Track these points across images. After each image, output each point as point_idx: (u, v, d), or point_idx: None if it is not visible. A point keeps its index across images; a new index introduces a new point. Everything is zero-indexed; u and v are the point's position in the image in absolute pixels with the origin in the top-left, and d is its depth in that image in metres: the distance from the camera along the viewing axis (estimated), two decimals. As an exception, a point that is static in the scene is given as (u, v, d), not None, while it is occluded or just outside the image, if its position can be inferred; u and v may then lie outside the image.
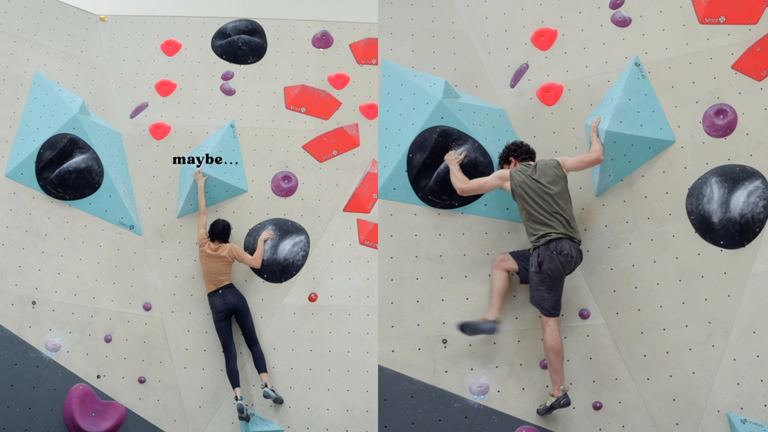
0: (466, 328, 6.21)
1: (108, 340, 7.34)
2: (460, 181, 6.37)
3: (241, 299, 7.45)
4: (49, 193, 7.47)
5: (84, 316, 7.30)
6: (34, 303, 7.10)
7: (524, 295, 6.41)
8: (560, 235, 5.93)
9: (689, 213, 6.26)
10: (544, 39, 7.05)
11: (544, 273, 5.96)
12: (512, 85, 7.06)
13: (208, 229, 7.58)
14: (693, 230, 6.23)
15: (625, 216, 6.45)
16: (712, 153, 6.32)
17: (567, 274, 6.06)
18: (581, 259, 6.14)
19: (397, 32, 7.16)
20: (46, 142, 7.48)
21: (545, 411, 6.06)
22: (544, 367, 6.27)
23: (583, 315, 6.40)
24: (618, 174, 6.48)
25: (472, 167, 6.49)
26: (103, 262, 7.57)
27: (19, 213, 7.31)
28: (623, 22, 6.82)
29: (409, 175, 6.70)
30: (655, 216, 6.37)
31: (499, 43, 7.17)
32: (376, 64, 7.98)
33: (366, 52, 8.51)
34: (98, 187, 7.66)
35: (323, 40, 8.55)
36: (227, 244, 7.53)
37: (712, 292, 6.09)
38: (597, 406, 6.20)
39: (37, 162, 7.44)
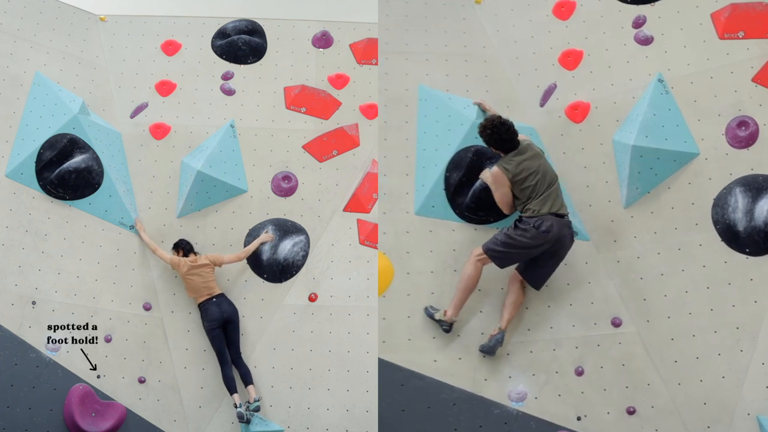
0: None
1: (108, 340, 7.34)
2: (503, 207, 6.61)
3: (235, 310, 7.44)
4: (49, 193, 7.46)
5: (84, 316, 7.29)
6: (34, 303, 7.09)
7: (559, 305, 6.66)
8: (548, 213, 6.21)
9: (715, 222, 6.44)
10: (570, 59, 7.30)
11: (516, 240, 6.24)
12: (541, 104, 7.31)
13: (174, 247, 7.57)
14: (719, 239, 6.40)
15: (653, 227, 6.65)
16: (735, 164, 6.50)
17: (545, 250, 6.25)
18: (570, 236, 6.32)
19: (432, 58, 7.46)
20: (46, 142, 7.47)
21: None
22: (578, 374, 6.47)
23: (615, 323, 6.57)
24: (645, 186, 6.70)
25: None
26: (103, 262, 7.55)
27: (19, 213, 7.30)
28: (646, 41, 7.06)
29: (446, 193, 6.91)
30: (682, 226, 6.56)
31: (528, 65, 7.45)
32: (376, 64, 7.99)
33: (366, 52, 8.51)
34: (98, 187, 7.65)
35: (323, 40, 8.55)
36: (201, 255, 7.57)
37: (739, 298, 6.25)
38: (631, 411, 6.35)
39: (37, 162, 7.43)
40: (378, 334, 6.62)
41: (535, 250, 6.25)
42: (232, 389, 7.24)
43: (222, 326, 7.36)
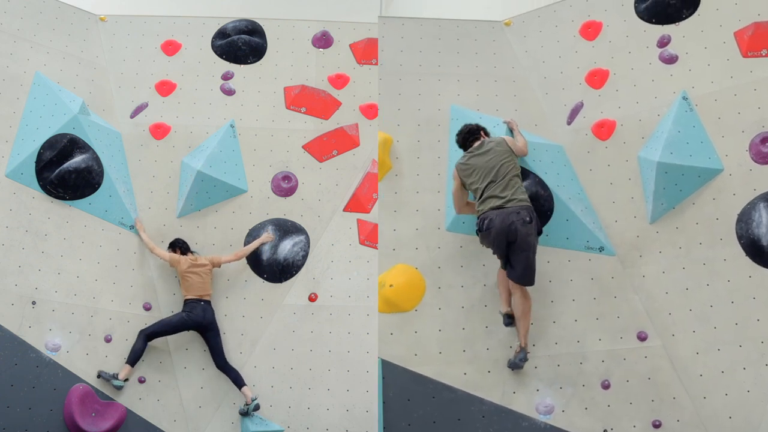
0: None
1: (108, 340, 7.34)
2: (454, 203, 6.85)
3: (215, 320, 7.43)
4: (49, 193, 7.46)
5: (84, 316, 7.29)
6: (34, 303, 7.09)
7: (585, 320, 6.75)
8: (489, 209, 6.35)
9: (739, 237, 6.49)
10: (597, 78, 7.44)
11: (482, 244, 6.57)
12: (569, 123, 7.42)
13: (171, 246, 7.60)
14: (743, 254, 6.44)
15: (678, 242, 6.73)
16: (759, 179, 6.56)
17: (507, 245, 6.36)
18: (522, 221, 6.28)
19: (463, 79, 7.65)
20: (46, 142, 7.47)
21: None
22: (605, 387, 6.55)
23: (641, 337, 6.65)
24: (670, 202, 6.80)
25: (533, 200, 6.72)
26: (103, 262, 7.55)
27: (19, 213, 7.29)
28: (670, 60, 7.17)
29: None
30: (707, 241, 6.62)
31: (555, 85, 7.59)
32: (376, 64, 8.00)
33: (366, 52, 8.51)
34: (98, 187, 7.65)
35: (323, 40, 8.55)
36: (200, 255, 7.60)
37: (763, 312, 6.29)
38: (657, 425, 6.41)
39: (37, 162, 7.43)
40: (378, 334, 6.67)
41: (497, 248, 6.41)
42: (133, 361, 7.19)
43: (197, 330, 7.38)
